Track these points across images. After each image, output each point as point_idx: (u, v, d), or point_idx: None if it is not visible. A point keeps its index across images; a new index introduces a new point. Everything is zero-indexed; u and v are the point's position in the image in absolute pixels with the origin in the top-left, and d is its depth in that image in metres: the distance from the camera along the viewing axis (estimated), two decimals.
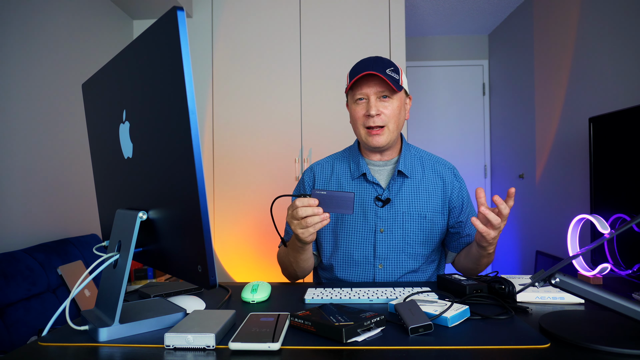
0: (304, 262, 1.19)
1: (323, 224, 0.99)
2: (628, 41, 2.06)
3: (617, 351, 0.64)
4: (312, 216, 0.97)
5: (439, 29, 3.83)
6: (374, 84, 1.17)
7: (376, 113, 1.16)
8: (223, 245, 2.88)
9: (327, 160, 1.34)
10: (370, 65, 1.16)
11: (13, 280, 1.59)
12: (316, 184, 1.31)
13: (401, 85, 1.19)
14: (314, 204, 0.97)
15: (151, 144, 0.74)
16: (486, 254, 1.12)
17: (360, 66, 1.18)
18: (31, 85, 1.99)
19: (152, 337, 0.74)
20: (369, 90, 1.17)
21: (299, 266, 1.21)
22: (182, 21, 0.61)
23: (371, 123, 1.18)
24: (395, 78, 1.17)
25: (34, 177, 1.99)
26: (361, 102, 1.20)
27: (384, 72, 1.15)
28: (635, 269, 1.15)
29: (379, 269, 1.22)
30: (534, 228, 3.09)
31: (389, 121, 1.18)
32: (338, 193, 0.97)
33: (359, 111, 1.20)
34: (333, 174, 1.30)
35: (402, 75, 1.21)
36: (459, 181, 1.29)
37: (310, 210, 0.97)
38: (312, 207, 0.97)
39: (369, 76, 1.17)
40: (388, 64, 1.18)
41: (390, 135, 1.20)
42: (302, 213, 0.97)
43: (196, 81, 2.86)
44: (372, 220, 1.22)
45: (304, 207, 0.97)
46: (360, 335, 0.71)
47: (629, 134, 1.42)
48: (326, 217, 0.98)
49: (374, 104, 1.17)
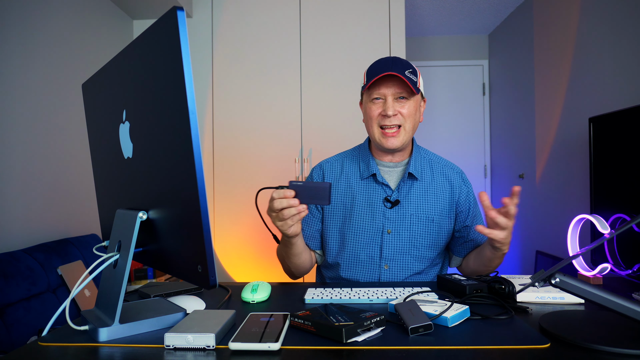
0: (295, 258, 1.19)
1: (301, 216, 0.98)
2: (628, 41, 2.06)
3: (617, 351, 0.64)
4: (288, 208, 0.97)
5: (439, 29, 3.83)
6: (392, 84, 1.16)
7: (393, 113, 1.16)
8: (223, 245, 2.88)
9: (337, 159, 1.33)
10: (390, 66, 1.15)
11: (13, 280, 1.59)
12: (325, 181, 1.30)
13: (419, 87, 1.18)
14: (290, 195, 0.96)
15: (151, 144, 0.74)
16: (500, 255, 1.10)
17: (379, 65, 1.17)
18: (31, 85, 1.99)
19: (152, 337, 0.74)
20: (387, 90, 1.17)
21: (292, 262, 1.21)
22: (182, 21, 0.61)
23: (387, 122, 1.17)
24: (413, 80, 1.16)
25: (34, 177, 1.99)
26: (377, 102, 1.19)
27: (404, 74, 1.14)
28: (635, 269, 1.15)
29: (385, 269, 1.21)
30: (534, 228, 3.09)
31: (406, 121, 1.18)
32: (314, 184, 0.96)
33: (375, 110, 1.19)
34: (343, 172, 1.29)
35: (419, 77, 1.20)
36: (466, 185, 1.29)
37: (286, 202, 0.96)
38: (287, 199, 0.96)
39: (388, 77, 1.16)
40: (407, 65, 1.17)
41: (406, 135, 1.19)
42: (277, 205, 0.97)
43: (196, 81, 2.86)
44: (380, 221, 1.22)
45: (279, 199, 0.97)
46: (360, 335, 0.71)
47: (629, 134, 1.42)
48: (303, 209, 0.97)
49: (391, 105, 1.16)
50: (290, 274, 1.29)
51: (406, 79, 1.13)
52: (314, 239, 1.29)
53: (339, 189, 1.27)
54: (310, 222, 1.28)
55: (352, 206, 1.24)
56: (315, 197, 0.96)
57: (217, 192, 2.88)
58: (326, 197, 0.95)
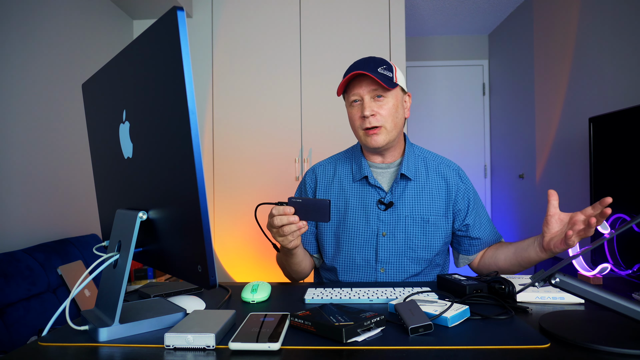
0: (296, 266, 1.21)
1: (301, 232, 0.99)
2: (628, 41, 2.06)
3: (617, 351, 0.64)
4: (288, 225, 0.98)
5: (439, 29, 3.83)
6: (365, 84, 1.15)
7: (370, 113, 1.15)
8: (223, 245, 2.88)
9: (330, 162, 1.32)
10: (361, 66, 1.15)
11: (13, 280, 1.59)
12: (318, 185, 1.29)
13: (395, 82, 1.16)
14: (290, 212, 0.97)
15: (151, 144, 0.74)
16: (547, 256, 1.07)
17: (351, 68, 1.17)
18: (31, 85, 1.99)
19: (152, 337, 0.74)
20: (361, 90, 1.16)
21: (293, 270, 1.23)
22: (182, 21, 0.61)
23: (367, 124, 1.16)
24: (387, 76, 1.14)
25: (34, 177, 1.99)
26: (356, 104, 1.19)
27: (375, 71, 1.13)
28: (635, 269, 1.15)
29: (381, 273, 1.20)
30: (534, 228, 3.08)
31: (385, 121, 1.16)
32: (313, 201, 0.96)
33: (355, 113, 1.19)
34: (335, 175, 1.28)
35: (396, 72, 1.18)
36: (464, 183, 1.25)
37: (286, 219, 0.97)
38: (287, 215, 0.97)
39: (361, 77, 1.16)
40: (380, 62, 1.16)
41: (389, 134, 1.17)
42: (277, 222, 0.98)
43: (196, 81, 2.86)
44: (375, 223, 1.20)
45: (279, 215, 0.98)
46: (360, 335, 0.71)
47: (629, 134, 1.42)
48: (303, 226, 0.98)
49: (367, 105, 1.15)
50: (290, 278, 1.30)
51: (377, 75, 1.12)
52: (310, 243, 1.29)
53: (332, 193, 1.27)
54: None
55: (346, 210, 1.23)
56: (315, 214, 0.96)
57: (217, 192, 2.88)
58: (326, 214, 0.95)
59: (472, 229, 1.24)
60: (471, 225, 1.24)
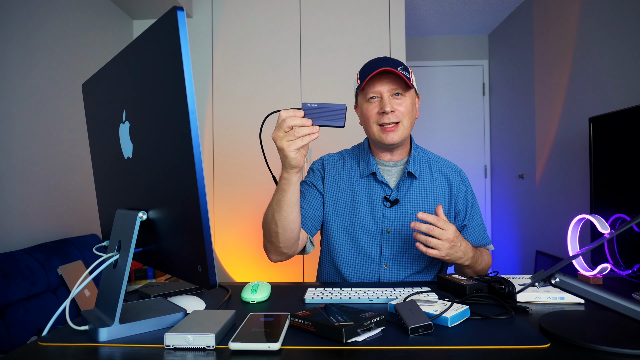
0: (287, 207, 1.05)
1: (312, 138, 0.93)
2: (628, 41, 2.06)
3: (617, 351, 0.64)
4: (299, 128, 0.92)
5: (439, 29, 3.83)
6: (387, 81, 1.17)
7: (391, 109, 1.16)
8: (223, 245, 2.88)
9: (338, 156, 1.34)
10: (382, 64, 1.16)
11: (13, 280, 1.59)
12: (326, 175, 1.29)
13: (412, 83, 1.19)
14: (300, 115, 0.92)
15: (151, 144, 0.74)
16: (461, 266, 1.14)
17: (371, 65, 1.18)
18: (31, 85, 1.99)
19: (152, 337, 0.74)
20: (382, 87, 1.17)
21: (282, 215, 1.06)
22: (182, 21, 0.61)
23: (386, 120, 1.17)
24: (406, 75, 1.17)
25: (34, 177, 1.99)
26: (374, 101, 1.20)
27: (397, 69, 1.15)
28: (635, 269, 1.15)
29: (385, 268, 1.22)
30: (534, 228, 3.08)
31: (404, 118, 1.18)
32: (329, 105, 0.90)
33: (372, 109, 1.19)
34: (344, 168, 1.29)
35: (411, 73, 1.21)
36: (464, 184, 1.29)
37: (299, 121, 0.91)
38: (299, 117, 0.92)
39: (382, 74, 1.17)
40: (398, 62, 1.18)
41: (404, 131, 1.19)
42: (289, 122, 0.92)
43: (196, 81, 2.86)
44: (380, 220, 1.22)
45: (290, 117, 0.92)
46: (360, 335, 0.71)
47: (629, 134, 1.42)
48: (315, 130, 0.92)
49: (387, 101, 1.16)
50: (272, 244, 1.13)
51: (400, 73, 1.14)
52: (311, 221, 1.23)
53: (342, 184, 1.27)
54: (311, 202, 1.25)
55: (353, 204, 1.24)
56: (330, 118, 0.90)
57: (217, 192, 2.88)
58: (342, 118, 0.90)
59: (467, 231, 1.27)
60: (468, 227, 1.27)
